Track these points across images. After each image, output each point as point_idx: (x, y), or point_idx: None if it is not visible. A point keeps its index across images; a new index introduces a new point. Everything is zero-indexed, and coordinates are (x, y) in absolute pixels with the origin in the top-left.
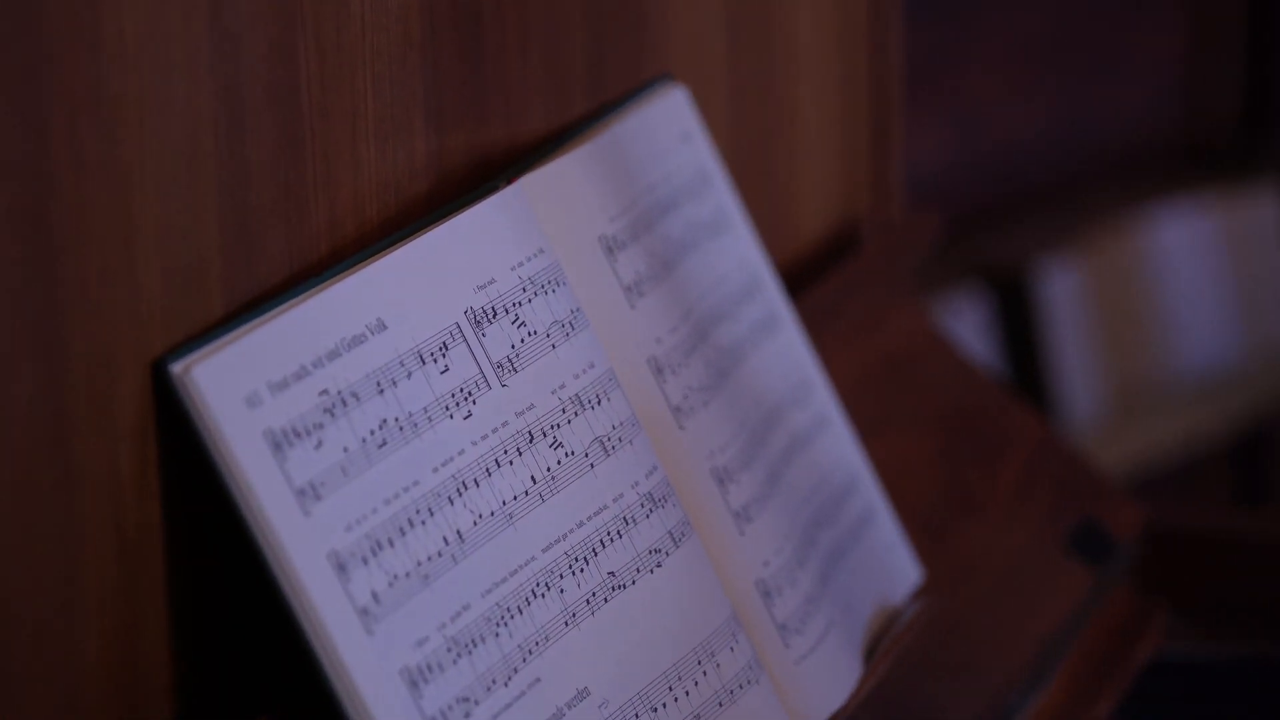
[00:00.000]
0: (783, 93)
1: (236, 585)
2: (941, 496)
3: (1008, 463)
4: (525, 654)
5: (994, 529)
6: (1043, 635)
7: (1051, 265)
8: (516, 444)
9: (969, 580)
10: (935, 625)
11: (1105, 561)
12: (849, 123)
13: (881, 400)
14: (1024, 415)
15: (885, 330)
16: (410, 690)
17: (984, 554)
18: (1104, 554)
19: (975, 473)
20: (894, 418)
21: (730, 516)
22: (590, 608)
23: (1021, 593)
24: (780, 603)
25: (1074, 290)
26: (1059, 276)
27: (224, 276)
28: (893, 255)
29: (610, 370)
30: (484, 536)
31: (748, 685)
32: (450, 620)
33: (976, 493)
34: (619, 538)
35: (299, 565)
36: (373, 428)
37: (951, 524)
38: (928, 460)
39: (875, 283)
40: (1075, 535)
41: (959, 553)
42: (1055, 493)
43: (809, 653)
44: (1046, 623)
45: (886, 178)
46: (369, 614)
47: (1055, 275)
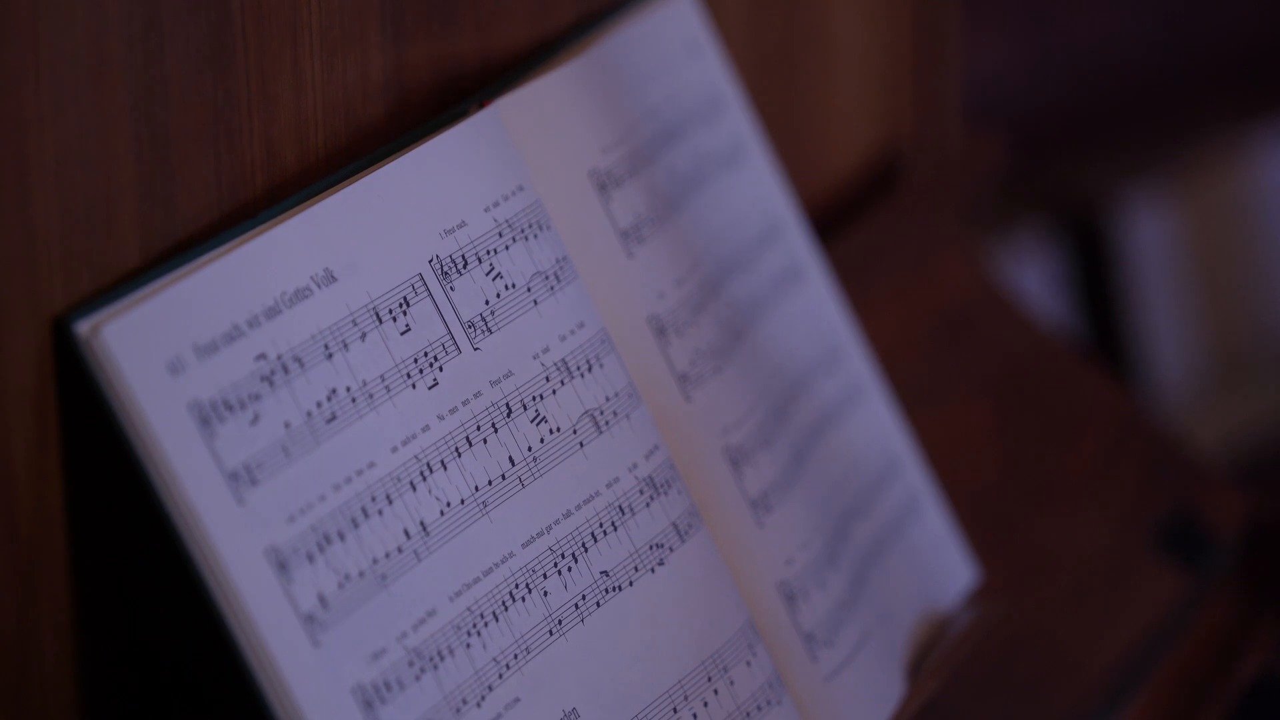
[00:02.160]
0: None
1: (155, 588)
2: (1002, 482)
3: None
4: (502, 669)
5: (1066, 521)
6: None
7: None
8: (491, 419)
9: (1035, 583)
10: (994, 636)
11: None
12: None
13: (930, 366)
14: (1102, 384)
15: (935, 281)
16: (364, 712)
17: (1054, 551)
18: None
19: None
20: (945, 387)
21: (746, 505)
22: (579, 614)
23: (1099, 598)
24: (806, 608)
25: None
26: (1147, 215)
27: (139, 217)
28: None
29: (603, 331)
30: (452, 529)
31: (767, 707)
32: (412, 629)
33: (1045, 477)
34: (614, 530)
35: (231, 564)
36: (319, 399)
37: (1014, 515)
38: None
39: (923, 224)
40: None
41: (1023, 549)
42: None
43: (841, 668)
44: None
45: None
46: (315, 621)
47: (1143, 214)
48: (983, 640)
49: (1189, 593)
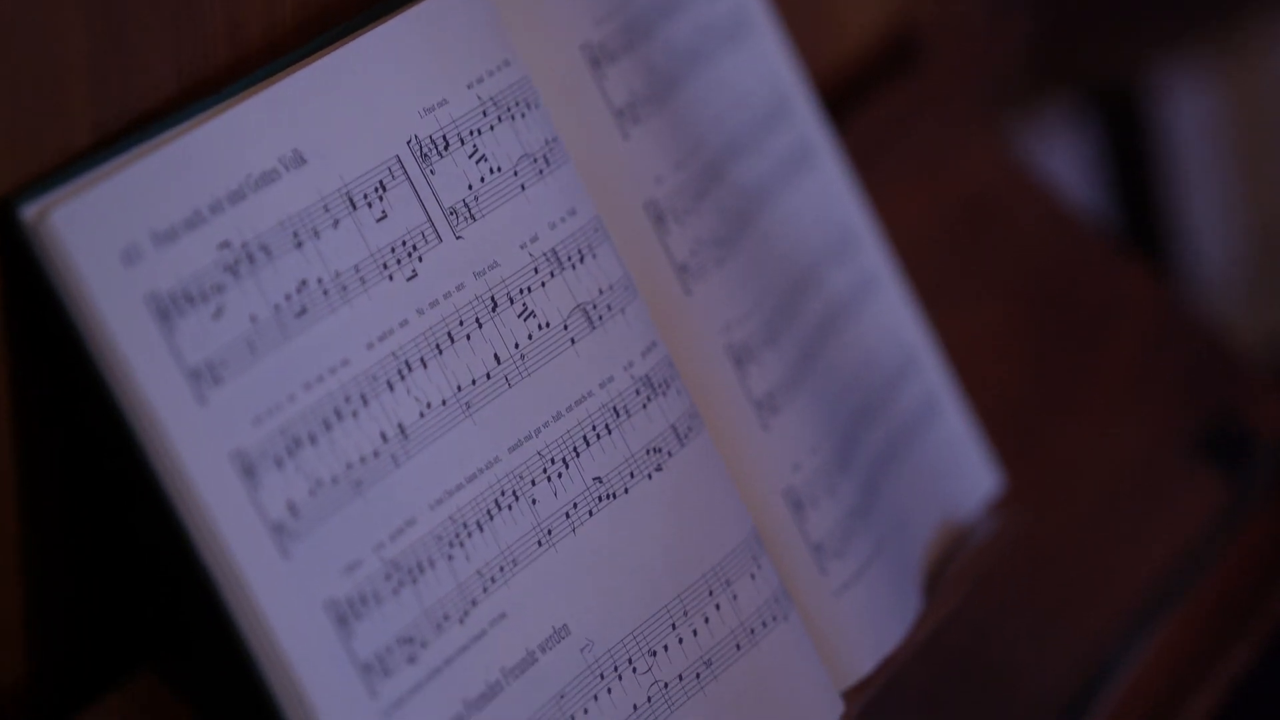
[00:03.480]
0: None
1: (111, 497)
2: (1029, 384)
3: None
4: (487, 583)
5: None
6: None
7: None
8: (475, 313)
9: (1065, 491)
10: (1018, 549)
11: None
12: None
13: (951, 259)
14: (1138, 277)
15: (957, 166)
16: (338, 628)
17: (1085, 457)
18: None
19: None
20: (967, 282)
21: (751, 407)
22: (570, 523)
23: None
24: (815, 518)
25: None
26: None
27: (90, 94)
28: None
29: (596, 218)
30: (433, 432)
31: (773, 623)
32: (390, 539)
33: (1075, 379)
34: (607, 434)
35: (192, 469)
36: (289, 292)
37: (1042, 419)
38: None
39: (944, 104)
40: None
41: (1052, 455)
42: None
43: (851, 582)
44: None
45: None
46: (284, 531)
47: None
48: (1006, 553)
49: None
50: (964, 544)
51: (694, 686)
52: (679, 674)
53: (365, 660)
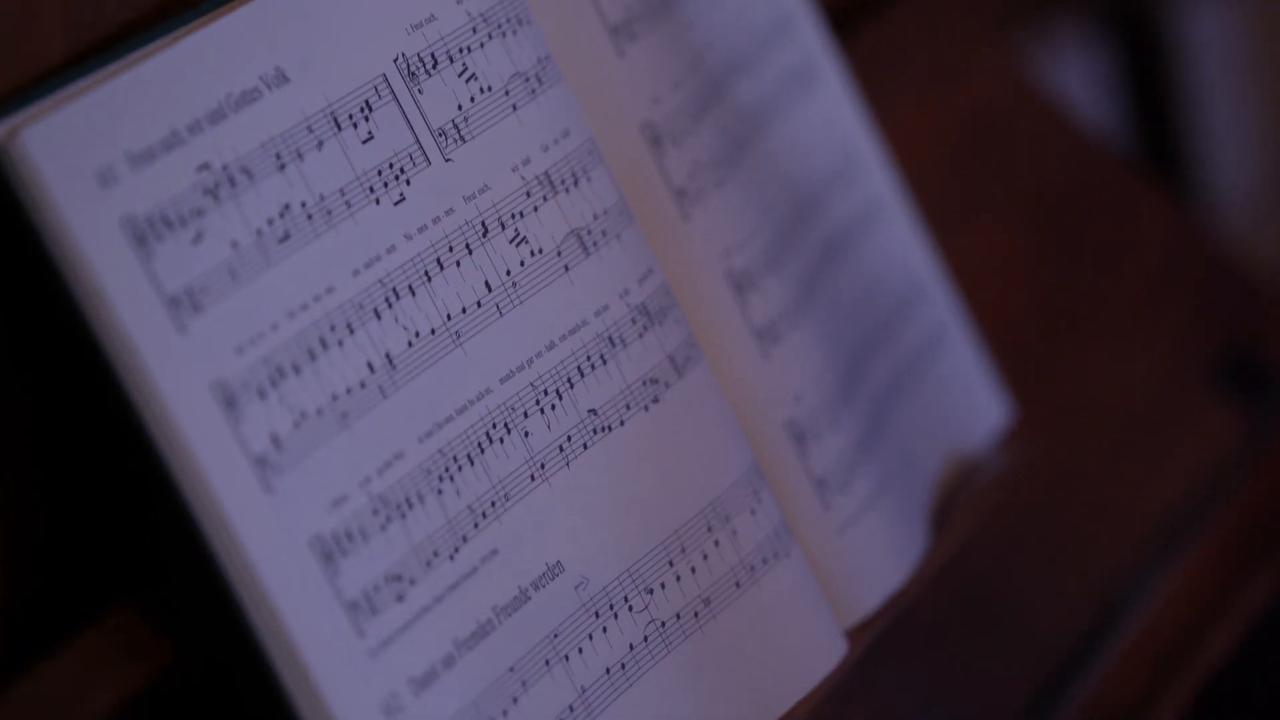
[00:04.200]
0: None
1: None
2: (1040, 311)
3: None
4: (478, 518)
5: (1112, 353)
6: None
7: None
8: (465, 239)
9: (1077, 422)
10: (1029, 483)
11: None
12: None
13: (960, 182)
14: (1154, 200)
15: (965, 86)
16: (323, 565)
17: (1098, 387)
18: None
19: (1087, 279)
20: (977, 205)
21: (751, 336)
22: (564, 457)
23: (1148, 440)
24: (818, 451)
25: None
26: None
27: (63, 7)
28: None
29: (591, 140)
30: (422, 362)
31: (774, 560)
32: (377, 473)
33: (1089, 305)
34: (603, 364)
35: (171, 400)
36: (271, 216)
37: (1054, 347)
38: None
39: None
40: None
41: (1063, 386)
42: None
43: (856, 517)
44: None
45: None
46: (267, 464)
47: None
48: (1016, 487)
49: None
50: (973, 477)
51: (692, 625)
52: (676, 612)
53: (352, 598)
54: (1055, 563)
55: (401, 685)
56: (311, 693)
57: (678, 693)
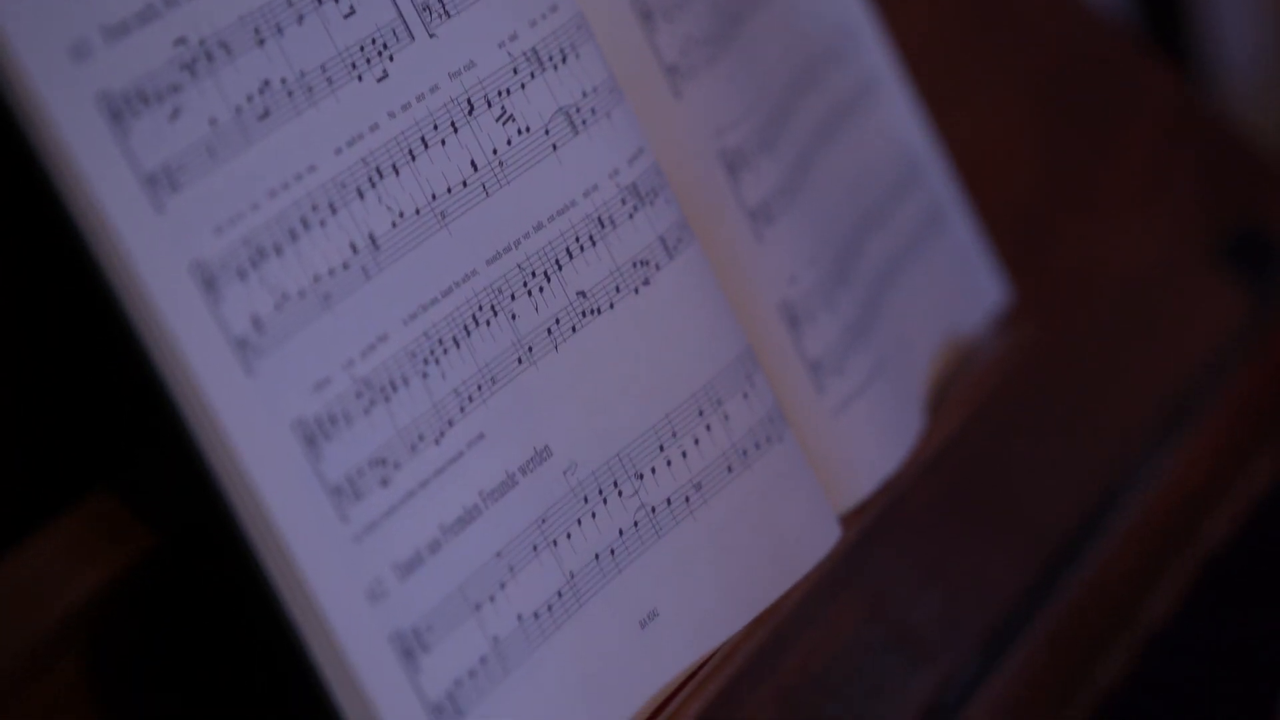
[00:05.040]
0: None
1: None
2: (1041, 191)
3: (1135, 141)
4: (464, 402)
5: (1114, 232)
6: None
7: None
8: (450, 116)
9: (1077, 303)
10: (1028, 364)
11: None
12: None
13: (959, 57)
14: (1158, 74)
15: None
16: (306, 449)
17: (1098, 267)
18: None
19: (1089, 157)
20: (976, 82)
21: (744, 217)
22: (552, 340)
23: (1149, 320)
24: (812, 333)
25: None
26: None
27: None
28: None
29: (579, 15)
30: (407, 243)
31: (766, 444)
32: (360, 356)
33: (1091, 185)
34: (592, 245)
35: (150, 280)
36: (250, 93)
37: (1054, 225)
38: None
39: None
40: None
41: (1064, 267)
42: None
43: (850, 400)
44: (1186, 358)
45: None
46: (248, 347)
47: None
48: (1014, 369)
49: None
50: (970, 360)
51: (683, 511)
52: (667, 498)
53: (335, 483)
54: (1054, 446)
55: (386, 571)
56: (294, 578)
57: (668, 579)
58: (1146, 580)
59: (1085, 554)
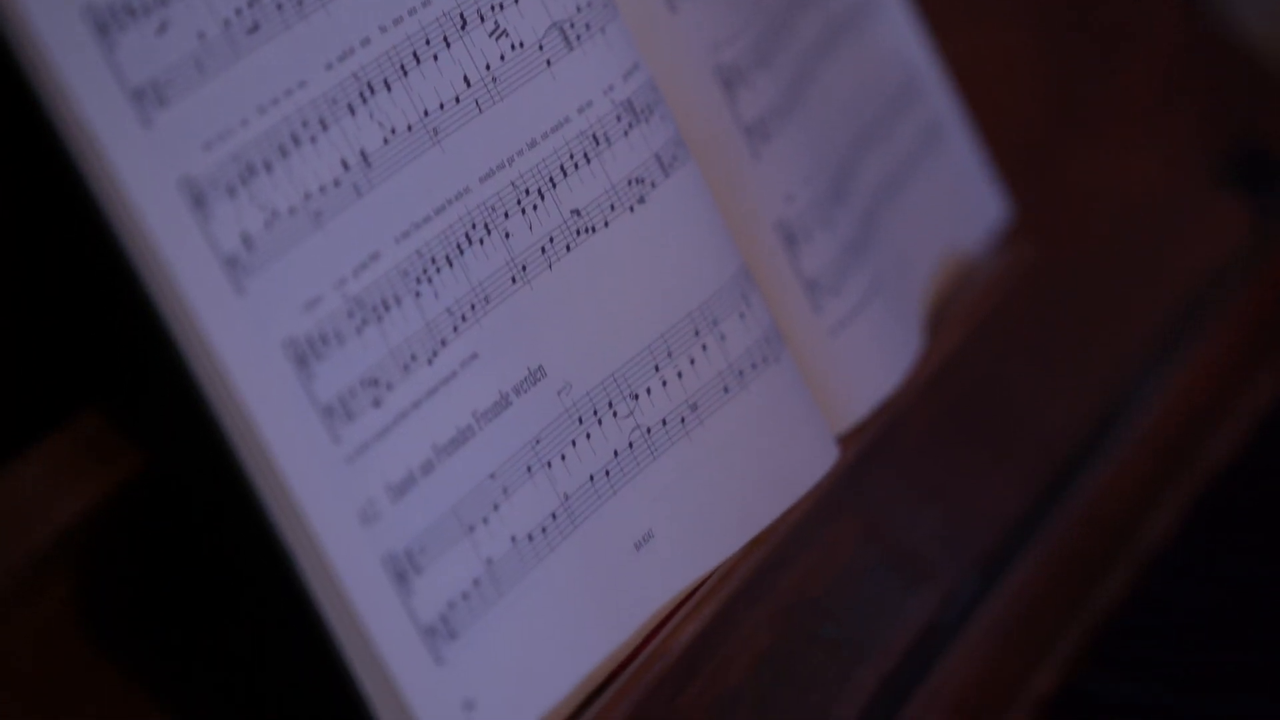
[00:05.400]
0: None
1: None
2: (1044, 105)
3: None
4: (457, 321)
5: (1117, 152)
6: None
7: None
8: (442, 30)
9: (1079, 221)
10: (1029, 283)
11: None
12: None
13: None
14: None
15: None
16: (297, 369)
17: (1101, 184)
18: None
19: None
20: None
21: (740, 133)
22: (546, 259)
23: (1151, 239)
24: (809, 252)
25: None
26: None
27: None
28: None
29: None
30: (398, 160)
31: (763, 364)
32: (352, 275)
33: (1095, 99)
34: (586, 163)
35: (138, 197)
36: (239, 6)
37: (1057, 145)
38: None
39: None
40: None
41: (1065, 183)
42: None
43: (848, 320)
44: (1188, 276)
45: None
46: (238, 265)
47: None
48: (1014, 289)
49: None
50: (970, 279)
51: (678, 432)
52: (662, 418)
53: (327, 403)
54: (1054, 366)
55: (379, 492)
56: (286, 499)
57: (664, 501)
58: (1147, 500)
59: (1085, 474)
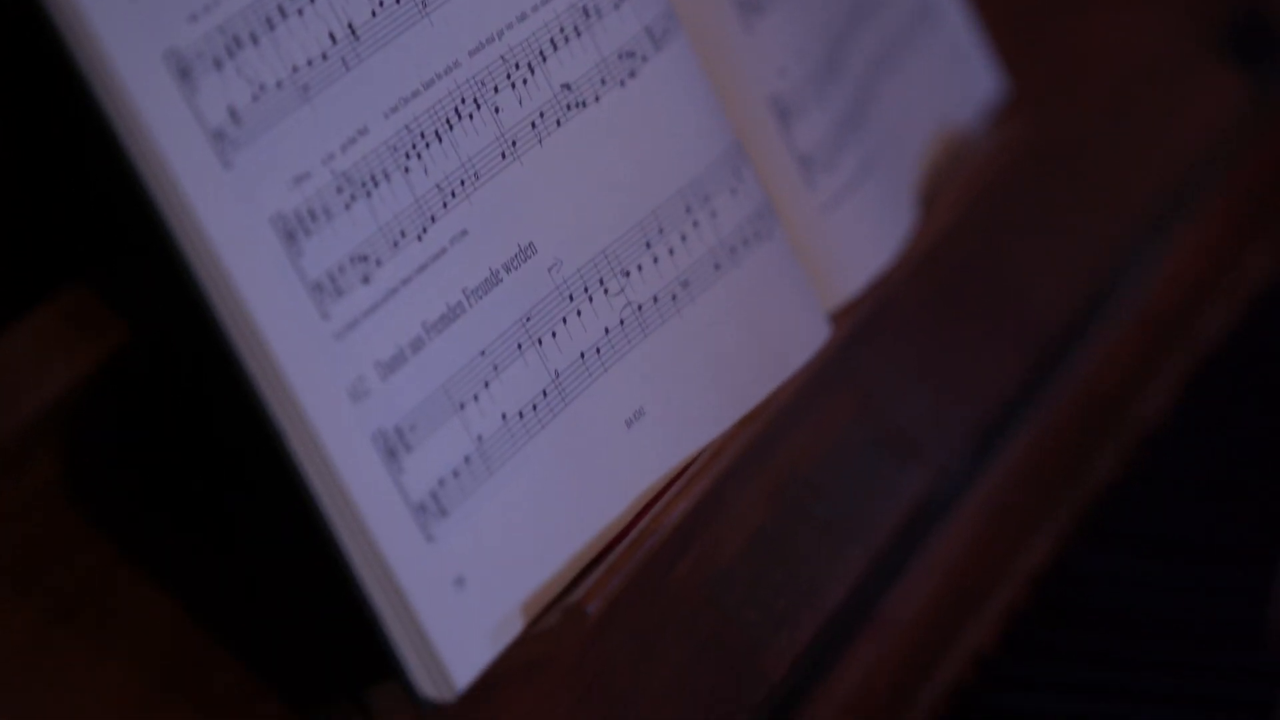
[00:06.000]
0: None
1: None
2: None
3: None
4: (446, 197)
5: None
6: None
7: None
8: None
9: (1073, 95)
10: (1023, 158)
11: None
12: None
13: None
14: None
15: None
16: (285, 245)
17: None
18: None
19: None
20: None
21: (732, 6)
22: (536, 134)
23: (1149, 110)
24: (802, 128)
25: None
26: None
27: None
28: None
29: None
30: (387, 33)
31: (755, 240)
32: (341, 150)
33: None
34: (576, 37)
35: (122, 68)
36: None
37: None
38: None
39: None
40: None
41: (1060, 55)
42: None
43: (841, 196)
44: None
45: None
46: (225, 139)
47: None
48: (1009, 164)
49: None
50: (964, 155)
51: (670, 309)
52: (653, 296)
53: (316, 279)
54: (1048, 242)
55: (368, 369)
56: (275, 375)
57: (655, 378)
58: (1140, 376)
59: (1079, 350)
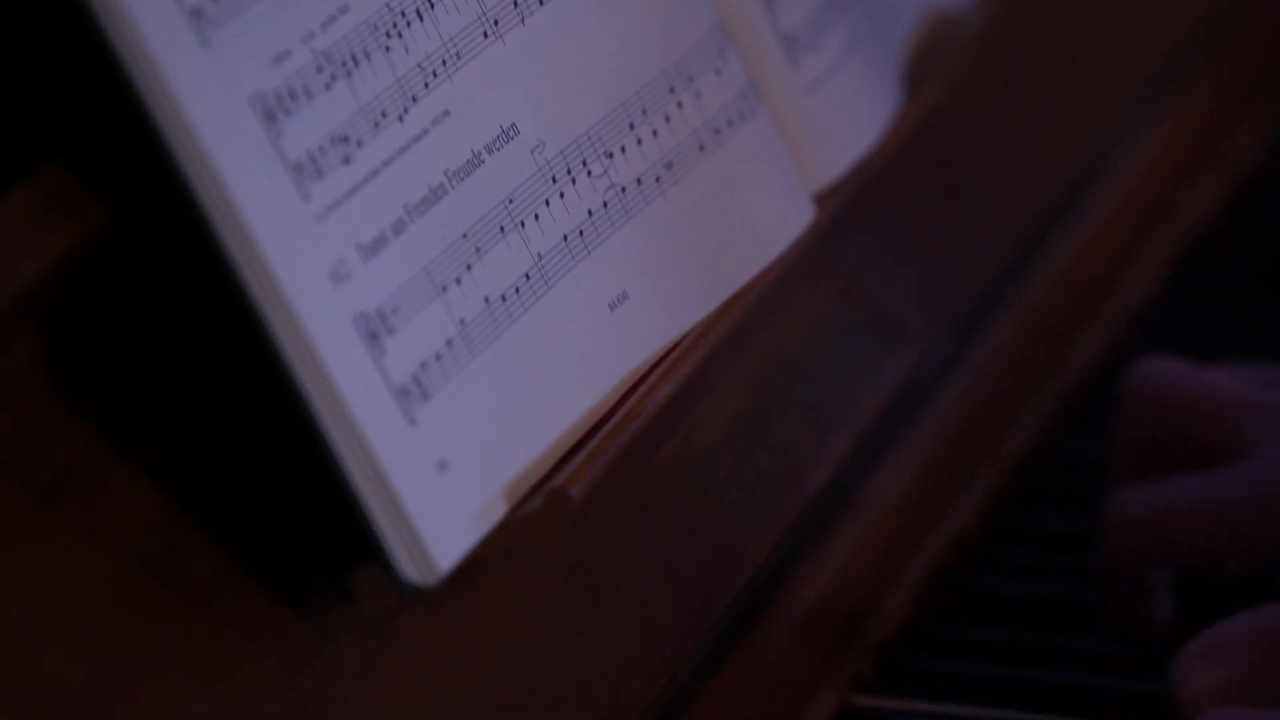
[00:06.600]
0: None
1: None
2: None
3: None
4: (428, 77)
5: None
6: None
7: None
8: None
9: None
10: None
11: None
12: None
13: None
14: None
15: None
16: (265, 125)
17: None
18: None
19: None
20: None
21: None
22: (519, 13)
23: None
24: (786, 7)
25: None
26: None
27: None
28: None
29: None
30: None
31: (739, 121)
32: (320, 29)
33: None
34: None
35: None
36: None
37: None
38: None
39: None
40: None
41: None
42: None
43: (825, 77)
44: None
45: None
46: (203, 16)
47: None
48: (995, 42)
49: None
50: (949, 33)
51: (653, 191)
52: (637, 177)
53: (296, 160)
54: (1034, 122)
55: (350, 251)
56: (254, 257)
57: (639, 261)
58: (1126, 258)
59: (1064, 231)
